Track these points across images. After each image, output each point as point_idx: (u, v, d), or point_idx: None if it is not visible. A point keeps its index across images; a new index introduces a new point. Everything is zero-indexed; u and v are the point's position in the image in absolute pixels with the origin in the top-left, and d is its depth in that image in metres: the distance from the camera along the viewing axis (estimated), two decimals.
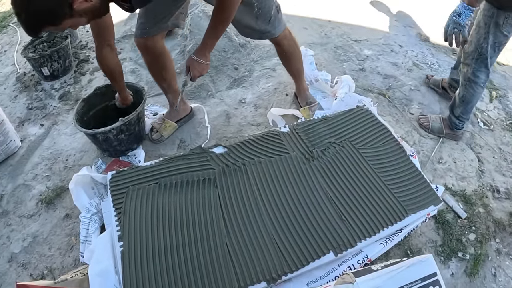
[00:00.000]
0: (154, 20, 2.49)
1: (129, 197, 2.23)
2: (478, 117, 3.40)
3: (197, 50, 2.30)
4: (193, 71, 2.34)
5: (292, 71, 3.08)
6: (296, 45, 2.93)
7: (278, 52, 2.93)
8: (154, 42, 2.61)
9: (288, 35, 2.82)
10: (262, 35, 2.65)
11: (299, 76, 3.13)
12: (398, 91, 3.57)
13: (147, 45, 2.61)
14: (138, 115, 2.68)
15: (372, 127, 2.68)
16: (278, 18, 2.63)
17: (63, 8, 1.56)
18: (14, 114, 3.56)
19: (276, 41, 2.77)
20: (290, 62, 3.00)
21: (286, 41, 2.82)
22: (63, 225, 2.55)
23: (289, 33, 2.82)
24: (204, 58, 2.31)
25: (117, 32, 4.48)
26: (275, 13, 2.57)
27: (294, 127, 2.66)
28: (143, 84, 3.60)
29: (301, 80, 3.15)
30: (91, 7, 1.65)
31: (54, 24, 1.60)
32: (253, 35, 2.67)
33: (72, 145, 3.12)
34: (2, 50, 4.74)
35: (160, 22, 2.51)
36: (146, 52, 2.67)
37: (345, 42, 4.30)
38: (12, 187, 2.86)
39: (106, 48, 2.41)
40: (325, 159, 2.43)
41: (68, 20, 1.62)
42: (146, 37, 2.56)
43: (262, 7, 2.45)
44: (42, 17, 1.56)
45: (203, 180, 2.32)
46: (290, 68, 3.06)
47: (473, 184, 2.83)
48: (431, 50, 4.29)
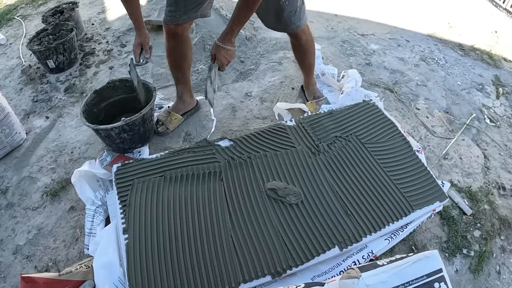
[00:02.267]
0: (185, 9, 2.49)
1: (134, 189, 2.23)
2: (484, 113, 3.40)
3: (222, 36, 2.24)
4: (221, 59, 2.28)
5: (305, 65, 3.08)
6: (313, 40, 2.94)
7: (295, 46, 2.92)
8: (183, 29, 2.62)
9: (307, 30, 2.82)
10: (287, 27, 2.65)
11: (311, 71, 3.13)
12: (404, 86, 3.57)
13: (176, 32, 2.62)
14: (143, 117, 2.64)
15: (379, 122, 2.67)
16: (303, 10, 2.63)
17: None
18: (20, 107, 3.56)
19: (296, 34, 2.75)
20: (305, 57, 3.00)
21: (304, 36, 2.81)
22: (68, 218, 2.54)
23: (307, 28, 2.81)
24: (230, 44, 2.25)
25: (123, 25, 4.54)
26: (300, 4, 2.57)
27: (300, 121, 2.66)
28: (148, 78, 3.63)
29: (312, 75, 3.15)
30: None
31: None
32: (278, 27, 2.66)
33: (77, 138, 3.12)
34: (8, 43, 4.74)
35: (191, 11, 2.52)
36: (173, 39, 2.67)
37: (351, 37, 4.29)
38: (17, 180, 2.86)
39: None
40: (331, 153, 2.42)
41: None
42: (176, 25, 2.57)
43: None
44: None
45: (209, 173, 2.32)
46: (304, 63, 3.06)
47: (479, 181, 2.82)
48: (438, 46, 4.29)
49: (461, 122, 3.28)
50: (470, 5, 5.48)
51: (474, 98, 3.57)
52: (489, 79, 3.87)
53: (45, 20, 4.37)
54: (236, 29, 2.23)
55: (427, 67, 3.88)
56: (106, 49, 4.18)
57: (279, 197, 2.15)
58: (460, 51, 4.26)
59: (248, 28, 4.27)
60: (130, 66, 2.65)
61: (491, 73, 3.98)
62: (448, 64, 3.97)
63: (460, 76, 3.84)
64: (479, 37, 4.62)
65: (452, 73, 3.85)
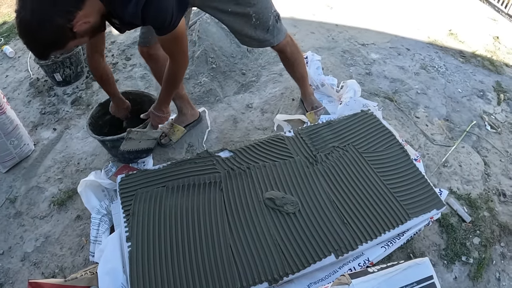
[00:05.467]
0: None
1: (138, 199, 2.29)
2: (485, 120, 3.41)
3: (156, 105, 2.56)
4: (154, 122, 2.65)
5: (296, 76, 3.11)
6: (299, 51, 2.98)
7: (281, 58, 2.97)
8: (156, 50, 2.66)
9: (290, 42, 2.86)
10: (261, 43, 2.70)
11: (304, 81, 3.16)
12: (404, 95, 3.59)
13: (149, 53, 2.68)
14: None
15: (376, 131, 2.71)
16: (277, 27, 2.67)
17: (66, 34, 1.65)
18: (28, 119, 3.63)
19: (278, 48, 2.81)
20: (293, 68, 3.04)
21: (288, 48, 2.85)
22: (74, 226, 2.61)
23: (290, 40, 2.86)
24: (161, 112, 2.57)
25: (127, 38, 4.60)
26: (273, 22, 2.61)
27: (299, 132, 2.70)
28: (152, 90, 3.68)
29: (306, 85, 3.19)
30: (91, 27, 1.74)
31: (60, 48, 1.70)
32: (252, 43, 2.71)
33: (83, 149, 3.19)
34: (16, 56, 4.82)
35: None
36: (149, 60, 2.75)
37: (352, 46, 4.32)
38: (26, 189, 2.93)
39: (96, 55, 2.46)
40: (329, 163, 2.46)
41: (72, 42, 1.71)
42: (148, 46, 2.63)
43: (260, 18, 2.50)
44: (48, 46, 1.67)
45: (209, 183, 2.37)
46: (294, 74, 3.10)
47: (479, 188, 2.83)
48: (439, 53, 4.31)
49: (461, 129, 3.29)
50: (472, 11, 5.50)
51: (475, 105, 3.59)
52: (490, 86, 3.88)
53: None
54: (165, 99, 2.53)
55: (428, 75, 3.90)
56: (112, 62, 4.25)
57: (277, 206, 2.19)
58: (461, 58, 4.27)
59: None
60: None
61: (492, 79, 3.99)
62: (448, 72, 3.99)
63: (461, 83, 3.85)
64: (480, 43, 4.64)
65: (453, 81, 3.86)
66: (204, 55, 3.89)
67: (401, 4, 5.40)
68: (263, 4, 2.50)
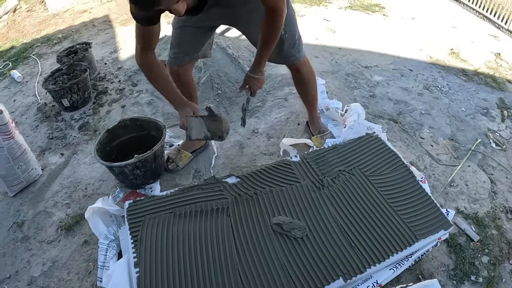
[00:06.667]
0: (188, 50, 2.65)
1: (145, 225, 2.31)
2: (490, 137, 3.42)
3: (253, 68, 2.51)
4: (253, 87, 2.58)
5: (308, 99, 3.15)
6: (313, 72, 3.02)
7: (296, 79, 3.02)
8: (185, 70, 2.77)
9: (307, 62, 2.92)
10: (286, 59, 2.76)
11: (313, 105, 3.20)
12: (408, 116, 3.61)
13: (179, 73, 2.75)
14: (154, 153, 2.74)
15: (382, 154, 2.73)
16: (301, 43, 2.74)
17: None
18: (35, 143, 3.68)
19: (296, 67, 2.86)
20: (307, 90, 3.08)
21: (305, 68, 2.91)
22: (82, 251, 2.63)
23: (307, 60, 2.91)
24: (260, 73, 2.53)
25: (134, 64, 4.66)
26: (298, 36, 2.68)
27: (305, 156, 2.72)
28: (159, 116, 3.72)
29: (315, 108, 3.23)
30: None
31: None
32: (278, 59, 2.76)
33: (91, 174, 3.22)
34: (24, 81, 4.90)
35: (193, 52, 2.68)
36: (177, 80, 2.75)
37: (355, 69, 4.36)
38: (33, 214, 2.96)
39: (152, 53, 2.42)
40: (335, 187, 2.48)
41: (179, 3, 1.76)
42: (179, 66, 2.71)
43: (288, 31, 2.56)
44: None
45: (217, 209, 2.39)
46: (306, 96, 3.13)
47: (486, 206, 2.82)
48: (441, 73, 4.35)
49: (466, 148, 3.30)
50: (472, 29, 5.57)
51: (479, 123, 3.60)
52: (493, 103, 3.90)
53: (60, 60, 4.52)
54: (263, 59, 2.47)
55: (431, 95, 3.93)
56: (118, 88, 4.32)
57: (284, 231, 2.21)
58: (463, 77, 4.31)
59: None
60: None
61: (495, 96, 4.02)
62: (451, 91, 4.02)
63: (464, 102, 3.88)
64: (482, 61, 4.68)
65: (456, 100, 3.89)
66: (210, 81, 3.94)
67: (402, 26, 5.51)
68: (292, 19, 2.58)
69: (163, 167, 3.02)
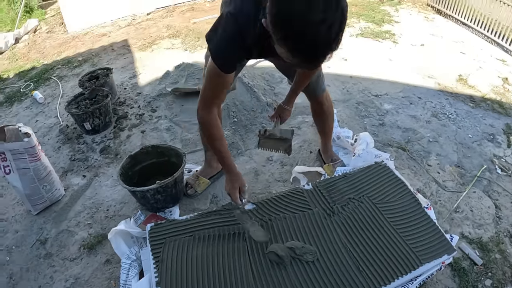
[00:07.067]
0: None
1: (167, 247, 2.46)
2: (495, 163, 3.48)
3: (287, 100, 2.88)
4: (284, 117, 2.97)
5: (325, 130, 3.26)
6: (332, 105, 3.16)
7: (317, 111, 3.15)
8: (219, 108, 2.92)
9: (328, 95, 3.06)
10: (314, 91, 2.93)
11: (329, 135, 3.32)
12: (416, 144, 3.70)
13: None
14: (175, 180, 2.88)
15: (389, 182, 2.86)
16: (324, 74, 2.90)
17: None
18: (58, 164, 3.80)
19: (320, 100, 3.00)
20: (326, 121, 3.20)
21: (327, 102, 3.05)
22: (104, 269, 2.72)
23: (328, 94, 3.05)
24: (291, 106, 2.92)
25: (153, 91, 4.79)
26: (321, 69, 2.83)
27: (317, 185, 2.86)
28: (178, 142, 3.84)
29: (330, 139, 3.34)
30: None
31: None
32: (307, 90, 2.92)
33: (112, 197, 3.33)
34: (46, 102, 5.05)
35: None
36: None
37: (366, 98, 4.46)
38: (56, 232, 3.06)
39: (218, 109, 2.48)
40: (345, 214, 2.62)
41: None
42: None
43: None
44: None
45: (233, 234, 2.53)
46: (324, 127, 3.26)
47: (490, 231, 2.87)
48: (449, 100, 4.44)
49: (472, 174, 3.36)
50: (481, 53, 5.66)
51: (485, 149, 3.69)
52: (500, 129, 3.99)
53: (82, 84, 4.66)
54: (297, 94, 2.83)
55: (439, 122, 4.02)
56: (138, 113, 4.44)
57: (297, 255, 2.34)
58: (471, 103, 4.39)
59: (269, 95, 4.51)
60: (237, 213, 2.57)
61: (502, 122, 4.11)
62: (459, 118, 4.10)
63: (471, 128, 3.96)
64: (490, 86, 4.77)
65: (463, 126, 3.97)
66: (226, 109, 4.04)
67: (411, 53, 5.61)
68: None
69: (182, 192, 3.15)
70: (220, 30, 1.98)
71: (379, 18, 6.90)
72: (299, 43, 1.50)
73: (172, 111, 4.40)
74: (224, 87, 2.27)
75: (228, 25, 1.94)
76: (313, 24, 1.44)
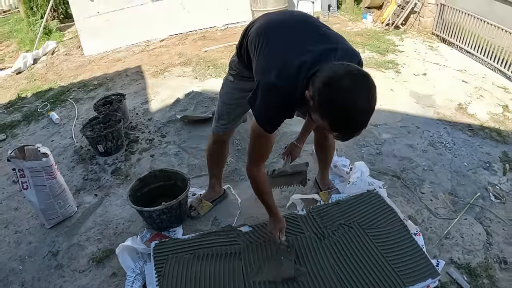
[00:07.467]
0: (234, 120, 2.97)
1: (169, 263, 2.70)
2: (489, 191, 3.53)
3: (299, 139, 3.07)
4: (295, 154, 3.13)
5: (326, 161, 3.41)
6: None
7: (320, 143, 3.28)
8: (228, 135, 3.15)
9: None
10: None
11: (329, 165, 3.49)
12: (411, 172, 3.80)
13: (223, 139, 3.13)
14: (179, 202, 3.10)
15: (379, 209, 3.04)
16: None
17: None
18: (71, 183, 4.01)
19: (326, 133, 3.04)
20: (327, 153, 3.35)
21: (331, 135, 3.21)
22: (110, 282, 2.90)
23: None
24: (302, 144, 3.10)
25: (163, 117, 5.03)
26: None
27: (310, 211, 3.07)
28: (184, 167, 4.04)
29: (328, 169, 3.52)
30: None
31: None
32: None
33: (121, 215, 3.53)
34: (61, 123, 5.32)
35: (238, 119, 3.00)
36: (219, 144, 3.16)
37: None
38: (67, 245, 3.26)
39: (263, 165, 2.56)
40: (335, 239, 2.80)
41: None
42: (225, 133, 3.05)
43: None
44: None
45: (230, 254, 2.76)
46: (326, 158, 3.40)
47: (479, 257, 2.91)
48: (447, 129, 4.51)
49: (465, 202, 3.41)
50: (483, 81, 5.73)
51: (480, 177, 3.72)
52: (496, 156, 4.02)
53: (97, 108, 4.92)
54: (308, 133, 3.04)
55: (435, 151, 4.10)
56: (148, 138, 4.67)
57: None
58: (469, 132, 4.44)
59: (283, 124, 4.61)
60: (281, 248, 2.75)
61: (499, 150, 4.13)
62: (456, 147, 4.17)
63: (467, 157, 4.02)
64: (489, 114, 4.82)
65: (460, 155, 4.03)
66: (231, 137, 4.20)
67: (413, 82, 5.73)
68: None
69: (186, 213, 3.35)
70: (261, 98, 2.12)
71: (383, 48, 7.02)
72: (343, 126, 1.79)
73: (180, 137, 4.62)
74: (268, 145, 2.45)
75: (270, 95, 2.09)
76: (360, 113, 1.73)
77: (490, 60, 6.16)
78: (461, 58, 6.75)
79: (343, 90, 1.72)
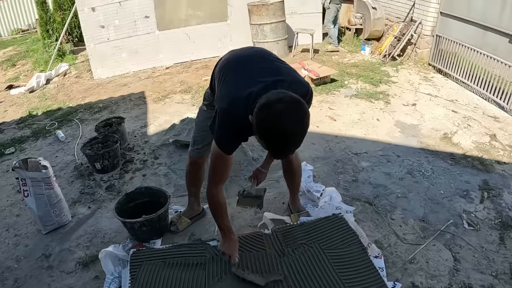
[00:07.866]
0: (208, 146, 3.19)
1: (142, 269, 2.95)
2: (463, 218, 3.57)
3: (264, 165, 3.32)
4: (260, 179, 3.33)
5: (293, 185, 3.59)
6: (300, 163, 3.53)
7: (286, 168, 3.45)
8: (204, 160, 3.39)
9: (297, 154, 3.40)
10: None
11: (298, 190, 3.67)
12: (384, 199, 3.93)
13: (199, 162, 3.39)
14: (159, 216, 3.36)
15: (341, 232, 3.19)
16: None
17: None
18: (69, 195, 4.36)
19: (289, 158, 3.26)
20: (295, 178, 3.52)
21: (296, 160, 3.40)
22: (92, 283, 3.17)
23: (297, 153, 3.37)
24: (267, 169, 3.34)
25: (158, 140, 5.34)
26: None
27: (275, 230, 3.27)
28: (171, 186, 4.32)
29: (298, 193, 3.70)
30: None
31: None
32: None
33: (110, 226, 3.81)
34: (66, 141, 5.70)
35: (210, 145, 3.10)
36: (195, 166, 3.43)
37: (345, 156, 4.74)
38: (59, 249, 3.57)
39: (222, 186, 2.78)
40: (294, 257, 2.98)
41: None
42: (199, 157, 3.34)
43: None
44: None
45: (196, 264, 2.99)
46: (293, 183, 3.57)
47: (443, 282, 2.92)
48: (428, 158, 4.62)
49: (435, 228, 3.46)
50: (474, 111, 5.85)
51: (455, 204, 3.77)
52: (476, 185, 4.07)
53: (97, 130, 5.29)
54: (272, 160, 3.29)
55: (412, 179, 4.22)
56: (143, 159, 4.98)
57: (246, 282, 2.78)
58: (450, 160, 4.50)
59: (257, 151, 4.86)
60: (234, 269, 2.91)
61: (479, 178, 4.18)
62: (434, 175, 4.26)
63: (445, 185, 4.09)
64: (474, 143, 4.94)
65: (437, 183, 4.12)
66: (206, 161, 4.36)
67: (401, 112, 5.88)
68: None
69: (166, 228, 3.60)
70: (218, 121, 2.43)
71: (376, 79, 7.20)
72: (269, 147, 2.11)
73: (171, 160, 4.92)
74: (227, 167, 2.70)
75: (224, 118, 2.39)
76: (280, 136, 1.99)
77: (483, 90, 6.27)
78: (455, 88, 6.87)
79: (271, 114, 1.98)
